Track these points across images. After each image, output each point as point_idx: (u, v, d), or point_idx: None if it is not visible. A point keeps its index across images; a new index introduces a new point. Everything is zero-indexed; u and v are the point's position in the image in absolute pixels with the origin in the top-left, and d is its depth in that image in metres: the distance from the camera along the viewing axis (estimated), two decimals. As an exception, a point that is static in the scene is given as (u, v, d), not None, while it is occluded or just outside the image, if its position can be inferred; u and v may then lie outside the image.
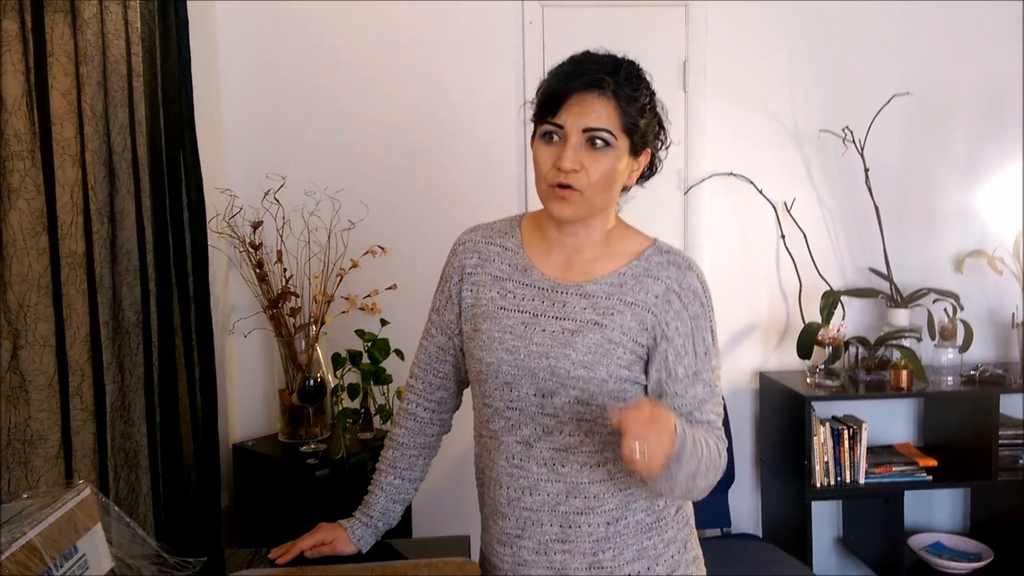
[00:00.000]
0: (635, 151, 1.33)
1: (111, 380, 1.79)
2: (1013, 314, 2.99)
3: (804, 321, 2.89)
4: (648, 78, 1.35)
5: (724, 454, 1.32)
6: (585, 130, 1.27)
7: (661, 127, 1.38)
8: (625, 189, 1.41)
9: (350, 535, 1.52)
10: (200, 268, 2.23)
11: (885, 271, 2.94)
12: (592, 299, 1.35)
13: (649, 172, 1.42)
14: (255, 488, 2.54)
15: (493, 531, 1.43)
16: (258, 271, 2.54)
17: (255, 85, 2.71)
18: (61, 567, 1.26)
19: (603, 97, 1.27)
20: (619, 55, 1.33)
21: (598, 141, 1.28)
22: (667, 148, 1.42)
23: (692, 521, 1.47)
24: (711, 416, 1.35)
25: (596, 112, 1.27)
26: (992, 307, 3.08)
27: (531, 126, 1.37)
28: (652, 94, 1.35)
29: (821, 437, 2.69)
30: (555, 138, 1.29)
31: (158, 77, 2.01)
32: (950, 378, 2.80)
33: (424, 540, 1.68)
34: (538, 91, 1.35)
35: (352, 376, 2.57)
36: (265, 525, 2.49)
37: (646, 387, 1.36)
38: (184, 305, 2.15)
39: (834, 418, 2.83)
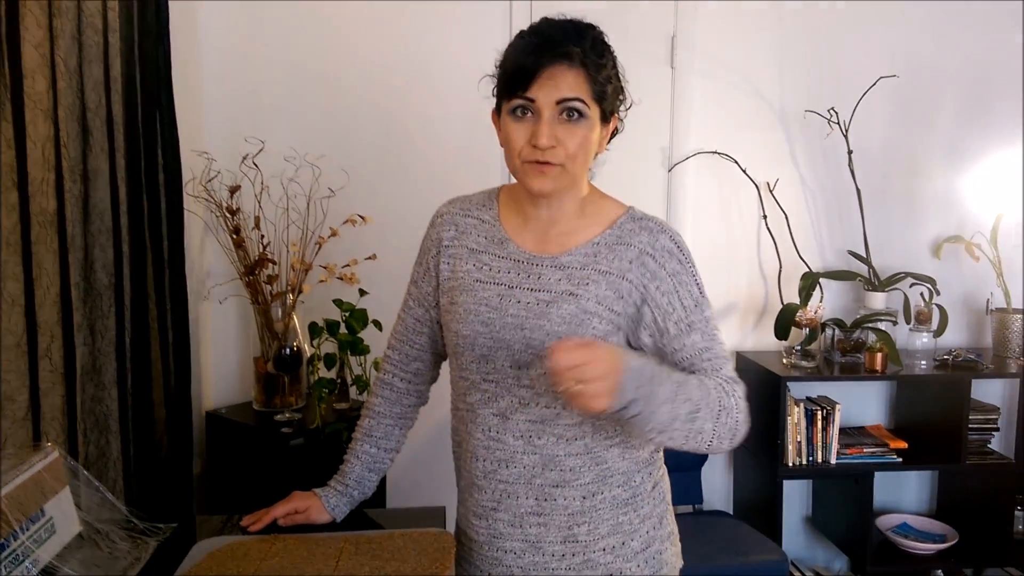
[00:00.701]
0: (605, 118, 1.31)
1: (82, 342, 1.75)
2: (988, 300, 3.02)
3: (783, 302, 2.90)
4: (610, 43, 1.31)
5: (738, 398, 1.27)
6: (559, 102, 1.24)
7: (622, 90, 1.35)
8: (597, 154, 1.38)
9: (324, 503, 1.51)
10: (175, 231, 2.18)
11: (864, 254, 2.95)
12: (567, 270, 1.34)
13: (613, 134, 1.39)
14: (228, 456, 2.52)
15: (469, 503, 1.43)
16: (235, 237, 2.49)
17: (235, 46, 2.65)
18: (27, 530, 1.23)
19: (572, 68, 1.24)
20: (580, 20, 1.30)
21: (573, 112, 1.25)
22: (628, 109, 1.38)
23: (669, 497, 1.47)
24: (718, 363, 1.31)
25: (567, 83, 1.24)
26: (967, 292, 3.11)
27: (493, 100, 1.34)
28: (615, 59, 1.32)
29: (795, 417, 2.72)
30: (527, 113, 1.26)
31: (135, 34, 1.95)
32: (923, 362, 2.83)
33: (399, 511, 1.67)
34: (501, 65, 1.31)
35: (329, 346, 2.54)
36: (237, 493, 2.48)
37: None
38: (158, 268, 2.11)
39: (808, 399, 2.85)
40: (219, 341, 2.72)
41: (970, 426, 2.77)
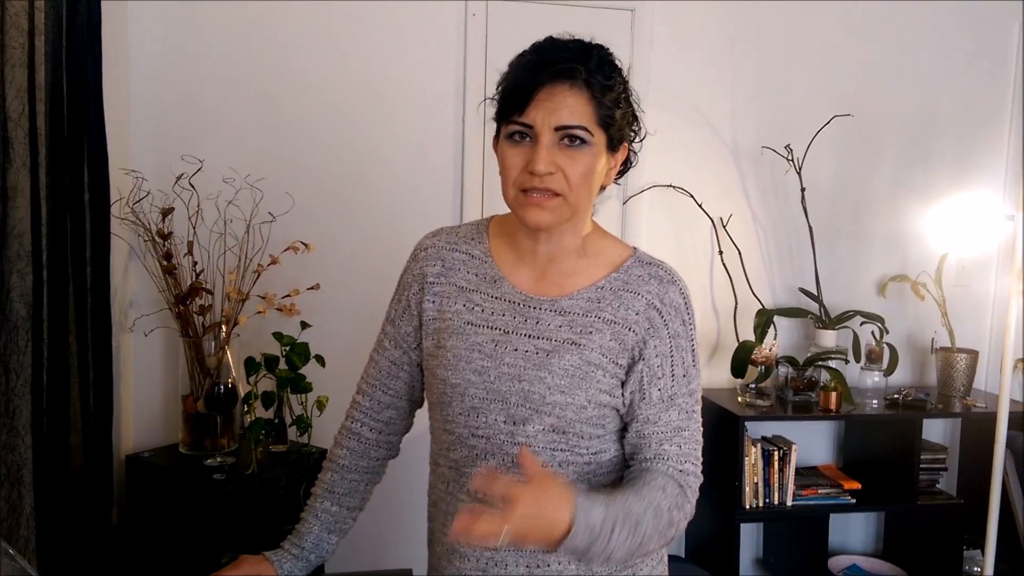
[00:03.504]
0: (612, 146, 1.20)
1: (-7, 383, 1.54)
2: (932, 339, 3.05)
3: (738, 339, 2.85)
4: (620, 64, 1.22)
5: (688, 504, 1.19)
6: (558, 128, 1.13)
7: (635, 117, 1.25)
8: (601, 189, 1.27)
9: (277, 569, 1.34)
10: (100, 257, 1.98)
11: (815, 291, 2.94)
12: (568, 316, 1.22)
13: (624, 167, 1.29)
14: (150, 504, 2.29)
15: (448, 571, 1.28)
16: (165, 263, 2.29)
17: (169, 56, 2.44)
18: (-72, 615, 1.03)
19: (575, 89, 1.13)
20: (587, 39, 1.19)
21: (574, 139, 1.14)
22: (642, 140, 1.28)
23: (666, 559, 1.36)
24: (687, 449, 1.22)
25: (568, 107, 1.13)
26: (911, 331, 3.13)
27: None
28: (625, 82, 1.21)
29: (752, 458, 2.66)
30: (524, 138, 1.15)
31: (63, 38, 1.76)
32: (875, 401, 2.81)
33: (361, 574, 1.50)
34: (499, 85, 1.20)
35: (267, 383, 2.35)
36: (159, 545, 2.24)
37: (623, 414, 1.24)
38: (80, 298, 1.90)
39: (764, 438, 2.80)
40: (142, 377, 2.48)
41: (920, 466, 2.76)
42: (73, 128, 1.82)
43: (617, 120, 1.18)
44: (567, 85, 1.13)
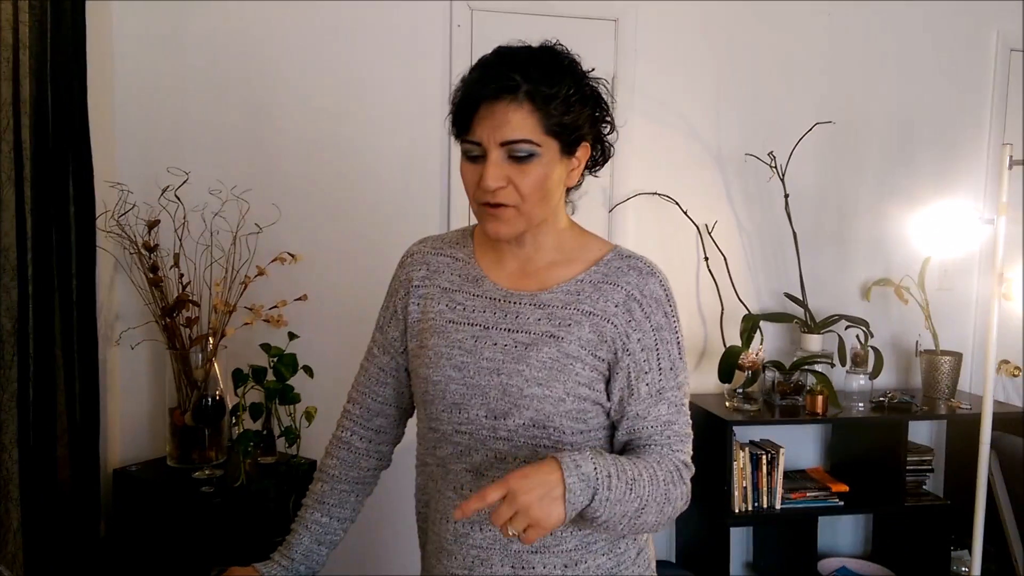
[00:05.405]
0: (568, 150, 1.19)
1: (-20, 398, 1.53)
2: (917, 342, 3.07)
3: (725, 344, 2.86)
4: (573, 59, 1.20)
5: (686, 485, 1.21)
6: (503, 144, 1.13)
7: (600, 109, 1.23)
8: (576, 186, 1.28)
9: (267, 580, 1.34)
10: (86, 270, 1.98)
11: (800, 296, 2.96)
12: (547, 309, 1.23)
13: (602, 158, 1.28)
14: (137, 518, 2.27)
15: (437, 571, 1.28)
16: (151, 276, 2.28)
17: (154, 68, 2.44)
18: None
19: (515, 103, 1.12)
20: (536, 44, 1.19)
21: (520, 153, 1.14)
22: (615, 129, 1.27)
23: (654, 566, 1.36)
24: (677, 441, 1.23)
25: (510, 123, 1.12)
26: (895, 334, 3.15)
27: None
28: (578, 80, 1.18)
29: (741, 462, 2.67)
30: (475, 154, 1.16)
31: (47, 52, 1.76)
32: (861, 404, 2.83)
33: (353, 584, 1.50)
34: (451, 103, 1.20)
35: (255, 394, 2.34)
36: (147, 559, 2.23)
37: (608, 410, 1.24)
38: (66, 311, 1.89)
39: (752, 442, 2.81)
40: (129, 391, 2.48)
41: (907, 468, 2.78)
42: (58, 141, 1.82)
43: (568, 125, 1.16)
44: (507, 100, 1.12)
